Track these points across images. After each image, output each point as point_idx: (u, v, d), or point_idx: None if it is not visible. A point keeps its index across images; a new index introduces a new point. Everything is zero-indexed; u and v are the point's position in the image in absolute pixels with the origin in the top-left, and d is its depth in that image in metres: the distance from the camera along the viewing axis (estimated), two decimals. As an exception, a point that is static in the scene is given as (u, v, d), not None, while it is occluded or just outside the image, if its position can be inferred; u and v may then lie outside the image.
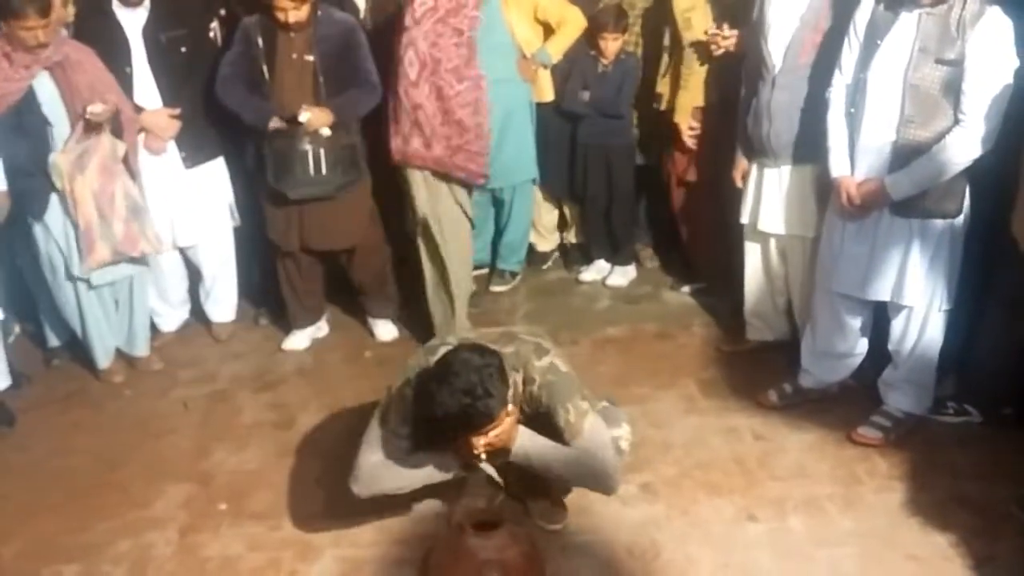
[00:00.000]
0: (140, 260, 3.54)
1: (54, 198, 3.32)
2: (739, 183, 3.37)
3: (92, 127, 3.25)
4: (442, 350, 2.33)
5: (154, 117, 3.52)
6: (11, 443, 3.29)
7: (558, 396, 2.34)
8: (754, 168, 3.29)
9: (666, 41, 3.77)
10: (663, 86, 3.82)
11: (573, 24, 3.88)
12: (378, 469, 2.42)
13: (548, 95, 4.03)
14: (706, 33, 3.50)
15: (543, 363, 2.36)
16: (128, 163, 3.42)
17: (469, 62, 3.38)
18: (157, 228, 3.53)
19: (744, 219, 3.38)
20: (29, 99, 3.20)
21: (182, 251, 3.84)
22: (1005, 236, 2.72)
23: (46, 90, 3.23)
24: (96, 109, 3.22)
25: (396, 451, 2.42)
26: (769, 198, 3.25)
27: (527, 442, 2.39)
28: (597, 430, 2.39)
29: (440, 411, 2.19)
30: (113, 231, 3.38)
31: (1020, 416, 2.98)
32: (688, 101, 3.69)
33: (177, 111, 3.54)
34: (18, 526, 2.84)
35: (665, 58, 3.80)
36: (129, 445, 3.25)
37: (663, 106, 3.83)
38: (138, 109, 3.48)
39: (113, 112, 3.28)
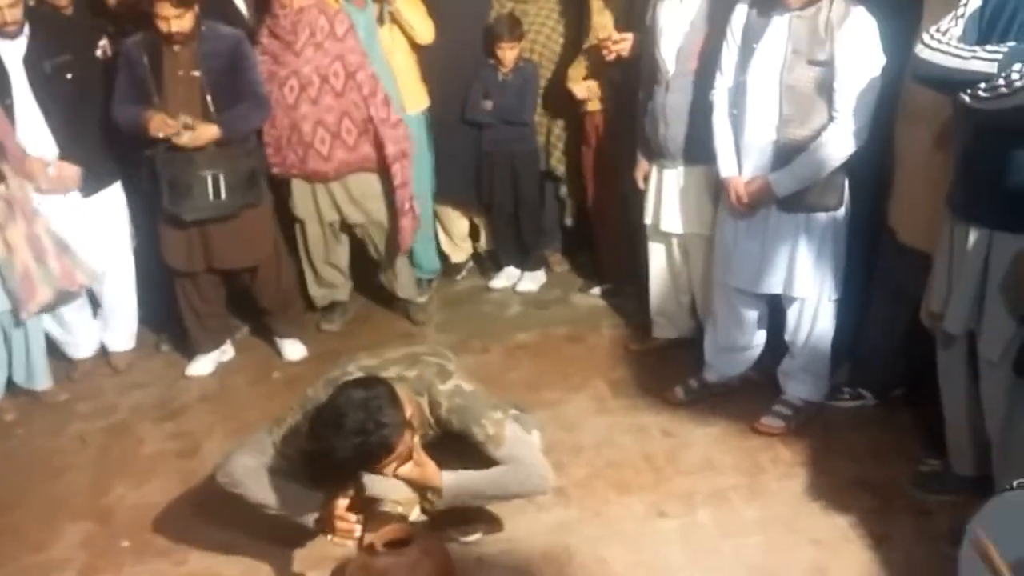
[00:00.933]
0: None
1: None
2: (641, 185, 3.43)
3: None
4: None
5: (62, 171, 3.43)
6: None
7: (469, 416, 2.34)
8: (654, 169, 3.35)
9: (586, 45, 3.76)
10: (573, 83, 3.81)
11: (424, 25, 3.85)
12: (247, 474, 2.39)
13: (421, 103, 3.99)
14: (598, 39, 3.55)
15: (447, 387, 2.35)
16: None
17: None
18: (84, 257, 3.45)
19: (647, 219, 3.43)
20: None
21: None
22: (885, 227, 2.84)
23: None
24: None
25: (271, 467, 2.39)
26: (669, 198, 3.31)
27: (455, 482, 2.37)
28: (518, 435, 2.40)
29: (337, 455, 2.16)
30: (50, 270, 3.31)
31: (910, 396, 3.11)
32: (578, 75, 3.74)
33: (76, 168, 3.45)
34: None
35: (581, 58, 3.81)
36: (22, 486, 3.11)
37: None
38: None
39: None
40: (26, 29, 3.33)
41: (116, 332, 3.85)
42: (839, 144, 2.72)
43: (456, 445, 2.40)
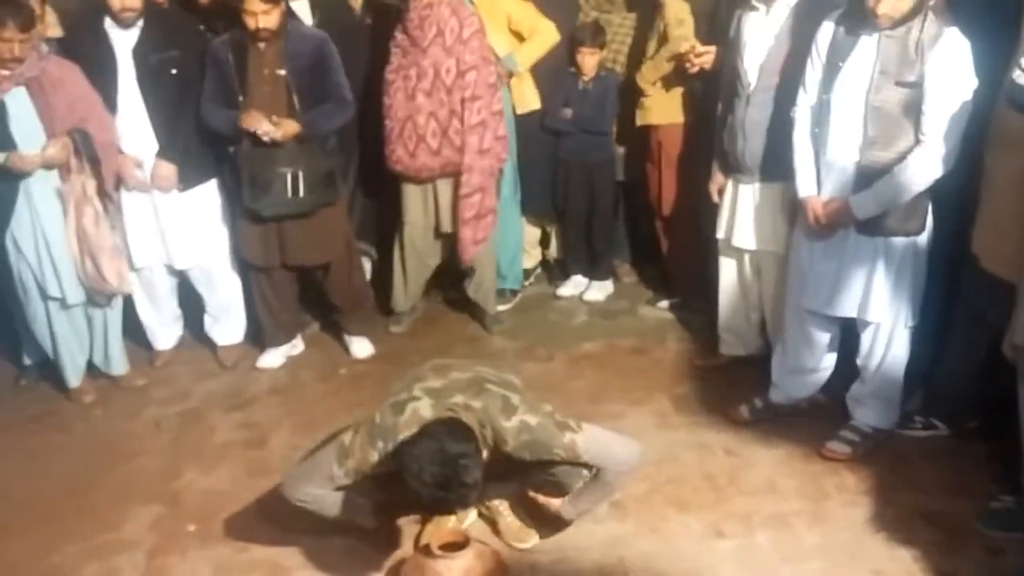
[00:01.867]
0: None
1: (25, 216, 3.31)
2: (715, 198, 3.39)
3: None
4: (408, 409, 2.29)
5: (159, 170, 3.55)
6: (-21, 466, 3.27)
7: (540, 449, 2.31)
8: (730, 184, 3.31)
9: (650, 52, 3.77)
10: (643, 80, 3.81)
11: (545, 35, 3.90)
12: (314, 499, 2.41)
13: (534, 103, 4.03)
14: (680, 51, 3.52)
15: (512, 424, 2.28)
16: (103, 193, 3.42)
17: None
18: (120, 265, 3.50)
19: (720, 234, 3.40)
20: None
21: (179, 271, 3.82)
22: (968, 253, 2.75)
23: (21, 105, 3.21)
24: (50, 152, 3.21)
25: (337, 489, 2.40)
26: (743, 214, 3.27)
27: (572, 506, 2.54)
28: (590, 439, 2.35)
29: (413, 497, 2.18)
30: (85, 268, 3.41)
31: (985, 429, 3.00)
32: (653, 73, 3.72)
33: (172, 167, 3.56)
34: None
35: (648, 63, 3.80)
36: (99, 467, 3.23)
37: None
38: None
39: (66, 153, 3.26)
40: (140, 21, 3.43)
41: (222, 327, 3.94)
42: (925, 168, 2.64)
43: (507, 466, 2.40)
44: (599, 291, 4.35)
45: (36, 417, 3.59)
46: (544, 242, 4.57)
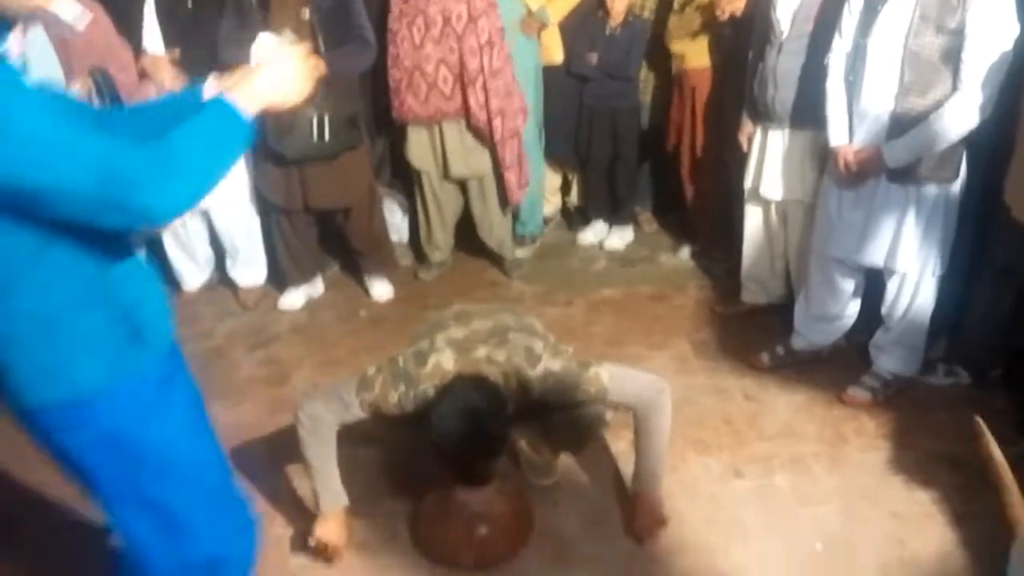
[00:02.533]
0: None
1: None
2: (744, 146, 3.36)
3: None
4: (431, 361, 2.24)
5: (154, 65, 3.47)
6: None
7: (566, 392, 2.29)
8: (759, 132, 3.28)
9: (676, 4, 3.74)
10: (676, 44, 3.79)
11: None
12: (320, 428, 2.35)
13: (557, 57, 4.00)
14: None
15: (537, 372, 2.25)
16: None
17: None
18: None
19: (747, 183, 3.37)
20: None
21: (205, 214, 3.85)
22: (999, 202, 2.71)
23: (38, 42, 3.18)
24: (70, 92, 3.17)
25: (346, 426, 2.38)
26: (771, 163, 3.24)
27: (641, 481, 2.50)
28: (615, 376, 2.33)
29: (442, 455, 2.19)
30: None
31: (1008, 378, 3.00)
32: (681, 30, 3.71)
33: (169, 58, 3.49)
34: (12, 476, 2.87)
35: (673, 19, 3.77)
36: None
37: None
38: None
39: (87, 93, 3.19)
40: None
41: (242, 268, 3.96)
42: (961, 117, 2.58)
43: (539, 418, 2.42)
44: (619, 238, 4.35)
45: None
46: (564, 189, 4.55)
